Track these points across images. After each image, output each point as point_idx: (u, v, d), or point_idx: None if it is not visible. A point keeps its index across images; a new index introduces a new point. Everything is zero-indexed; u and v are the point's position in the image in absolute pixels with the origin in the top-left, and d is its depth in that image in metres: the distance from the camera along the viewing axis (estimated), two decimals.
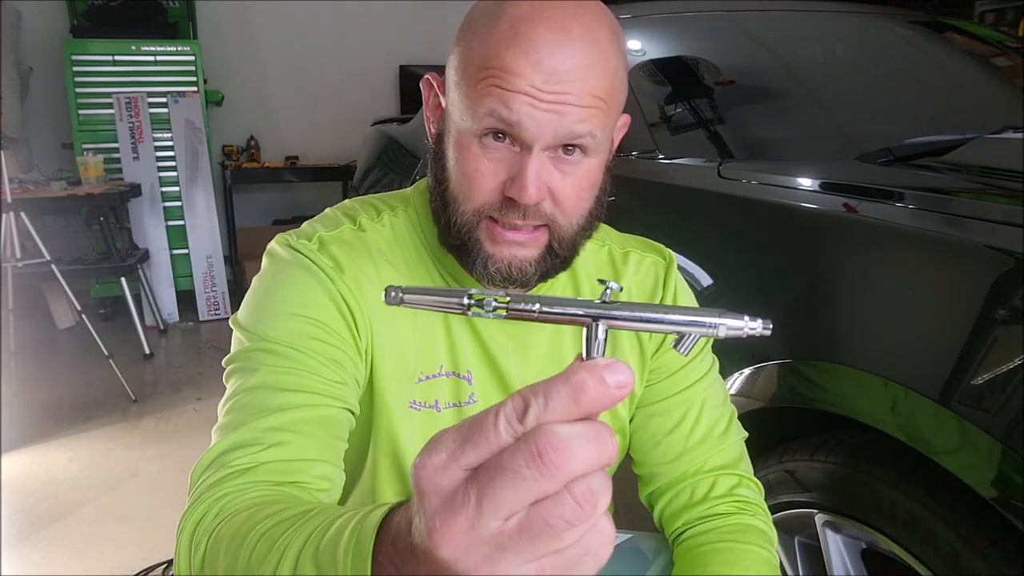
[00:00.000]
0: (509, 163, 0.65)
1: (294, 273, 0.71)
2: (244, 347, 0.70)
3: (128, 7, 4.34)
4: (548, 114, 0.62)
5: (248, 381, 0.67)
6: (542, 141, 0.63)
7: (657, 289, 0.82)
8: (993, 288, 0.82)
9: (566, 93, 0.62)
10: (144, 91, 4.19)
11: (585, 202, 0.69)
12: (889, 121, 1.66)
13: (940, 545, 0.81)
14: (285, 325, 0.68)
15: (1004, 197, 1.00)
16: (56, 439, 2.76)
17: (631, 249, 0.84)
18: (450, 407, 0.77)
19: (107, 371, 3.11)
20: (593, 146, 0.65)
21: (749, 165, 1.41)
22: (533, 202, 0.64)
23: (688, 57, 1.89)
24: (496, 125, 0.63)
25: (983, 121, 1.50)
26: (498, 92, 0.62)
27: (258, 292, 0.72)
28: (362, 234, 0.75)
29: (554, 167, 0.65)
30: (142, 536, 2.10)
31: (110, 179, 3.99)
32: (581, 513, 0.29)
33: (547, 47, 0.61)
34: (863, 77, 1.84)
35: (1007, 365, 0.75)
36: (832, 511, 0.95)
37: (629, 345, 0.82)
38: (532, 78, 0.61)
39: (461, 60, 0.66)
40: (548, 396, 0.30)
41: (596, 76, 0.63)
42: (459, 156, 0.67)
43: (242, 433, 0.63)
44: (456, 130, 0.67)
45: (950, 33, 2.12)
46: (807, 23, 2.00)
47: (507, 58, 0.62)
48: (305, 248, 0.72)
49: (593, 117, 0.63)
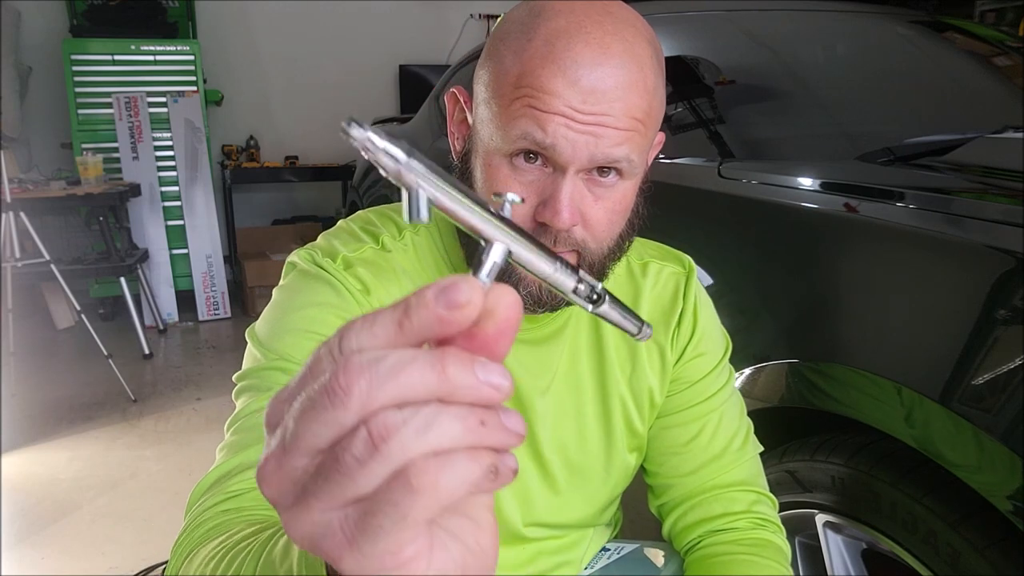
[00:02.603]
0: (541, 186, 0.61)
1: (319, 290, 0.68)
2: (258, 364, 0.67)
3: (128, 7, 4.34)
4: (585, 136, 0.59)
5: (258, 401, 0.64)
6: (577, 164, 0.60)
7: (677, 300, 0.80)
8: (993, 288, 0.82)
9: (604, 115, 0.58)
10: (144, 91, 4.19)
11: (617, 227, 0.66)
12: (889, 121, 1.66)
13: (940, 545, 0.81)
14: (302, 343, 0.65)
15: (1004, 197, 1.00)
16: (56, 439, 2.76)
17: (650, 259, 0.82)
18: None
19: (107, 371, 3.10)
20: (629, 169, 0.62)
21: (749, 165, 1.41)
22: (567, 227, 0.61)
23: (688, 57, 1.89)
24: (530, 147, 0.60)
25: (983, 121, 1.50)
26: (533, 113, 0.59)
27: (279, 305, 0.69)
28: (387, 255, 0.72)
29: (588, 190, 0.62)
30: (142, 536, 2.10)
31: (109, 179, 3.98)
32: (372, 450, 0.24)
33: (586, 65, 0.58)
34: (863, 77, 1.84)
35: (1008, 365, 0.75)
36: (832, 511, 0.95)
37: (648, 357, 0.79)
38: (569, 98, 0.58)
39: (493, 76, 0.62)
40: (372, 319, 0.26)
41: (636, 96, 0.59)
42: (488, 177, 0.63)
43: (243, 456, 0.61)
44: (485, 150, 0.64)
45: (950, 33, 2.12)
46: (807, 23, 2.00)
47: (543, 77, 0.58)
48: (331, 267, 0.69)
49: (631, 140, 0.60)
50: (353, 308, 0.67)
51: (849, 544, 0.96)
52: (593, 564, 0.87)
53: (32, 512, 2.25)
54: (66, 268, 3.37)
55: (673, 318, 0.79)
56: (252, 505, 0.57)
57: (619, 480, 0.82)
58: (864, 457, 0.91)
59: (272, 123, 5.10)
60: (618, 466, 0.81)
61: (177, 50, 4.31)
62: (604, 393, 0.78)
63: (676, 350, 0.80)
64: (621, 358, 0.79)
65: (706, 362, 0.81)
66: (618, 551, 0.89)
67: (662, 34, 1.97)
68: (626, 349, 0.79)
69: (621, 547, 0.90)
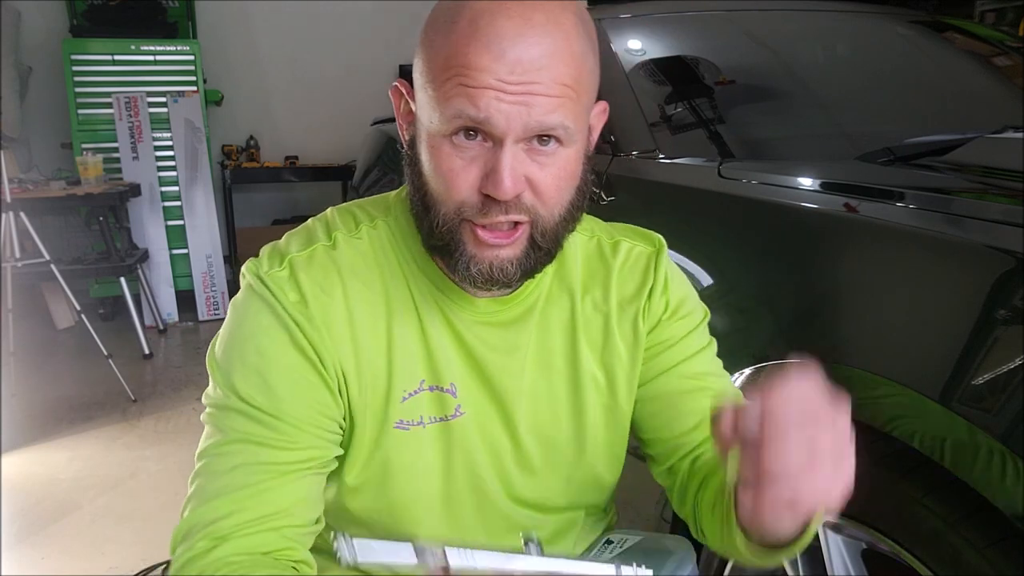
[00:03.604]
0: (483, 160, 0.63)
1: (260, 316, 0.70)
2: (219, 399, 0.70)
3: (128, 7, 4.34)
4: (516, 106, 0.60)
5: (222, 447, 0.69)
6: (513, 134, 0.62)
7: (648, 275, 0.81)
8: (993, 288, 0.82)
9: (532, 83, 0.60)
10: (144, 91, 4.19)
11: (565, 192, 0.67)
12: (890, 121, 1.66)
13: (940, 545, 0.81)
14: (256, 384, 0.69)
15: (1004, 197, 1.00)
16: (56, 439, 2.76)
17: (620, 238, 0.83)
18: (435, 422, 0.75)
19: (107, 371, 3.10)
20: (567, 136, 0.64)
21: (750, 165, 1.41)
22: (510, 196, 0.63)
23: (688, 57, 1.89)
24: (466, 124, 0.62)
25: (983, 121, 1.50)
26: (464, 91, 0.61)
27: (231, 330, 0.72)
28: (333, 253, 0.73)
29: (530, 159, 0.64)
30: (142, 536, 2.10)
31: (109, 179, 3.98)
32: None
33: (509, 37, 0.60)
34: (863, 77, 1.84)
35: (1008, 365, 0.75)
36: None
37: (620, 332, 0.80)
38: (497, 71, 0.60)
39: (425, 62, 0.65)
40: None
41: (562, 64, 0.61)
42: (432, 158, 0.66)
43: (213, 507, 0.66)
44: (427, 133, 0.66)
45: (950, 33, 2.12)
46: (807, 23, 2.00)
47: (470, 54, 0.61)
48: (273, 280, 0.70)
49: (562, 107, 0.62)
50: (293, 331, 0.69)
51: (849, 544, 0.96)
52: (597, 557, 0.87)
53: (32, 512, 2.25)
54: (66, 268, 3.37)
55: (644, 292, 0.80)
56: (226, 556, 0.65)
57: (597, 459, 0.82)
58: (864, 457, 0.91)
59: (272, 123, 5.10)
60: (593, 443, 0.81)
61: (177, 50, 4.31)
62: (576, 371, 0.79)
63: (649, 322, 0.80)
64: (592, 335, 0.80)
65: (688, 322, 0.82)
66: (621, 543, 0.89)
67: (662, 34, 1.97)
68: (597, 326, 0.80)
69: (625, 539, 0.90)
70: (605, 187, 1.57)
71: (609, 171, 1.58)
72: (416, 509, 0.76)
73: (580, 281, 0.80)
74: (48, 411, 3.00)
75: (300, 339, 0.70)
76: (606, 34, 1.81)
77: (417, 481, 0.75)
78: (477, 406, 0.76)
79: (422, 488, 0.76)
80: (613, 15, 1.91)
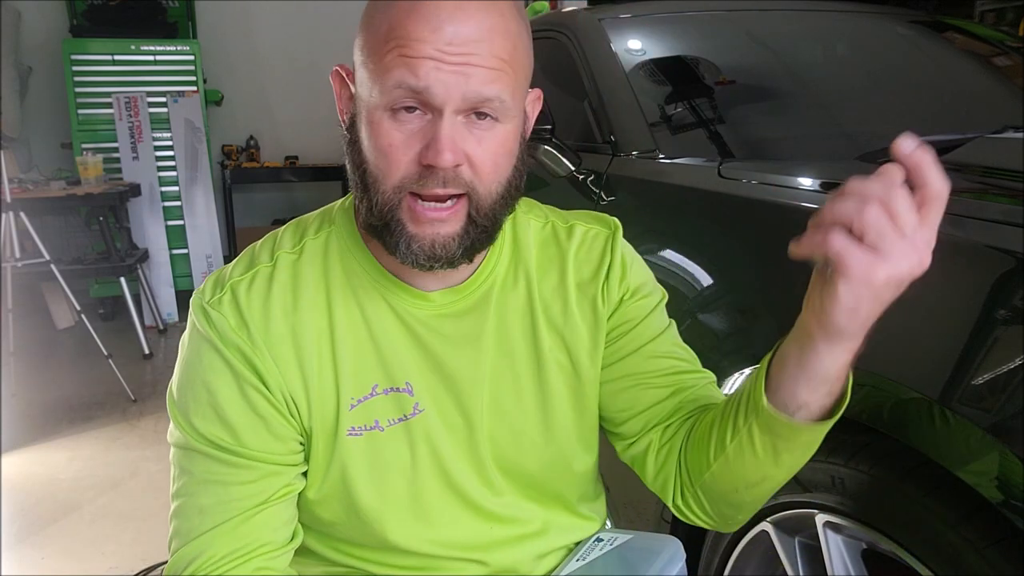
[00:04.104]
0: (423, 132, 0.64)
1: (204, 354, 0.72)
2: (181, 440, 0.73)
3: (128, 7, 4.34)
4: (455, 76, 0.62)
5: (191, 487, 0.72)
6: (452, 104, 0.63)
7: (605, 256, 0.81)
8: (993, 288, 0.82)
9: (470, 54, 0.62)
10: (144, 91, 4.19)
11: (503, 168, 0.68)
12: (890, 121, 1.66)
13: (941, 545, 0.81)
14: (214, 421, 0.71)
15: (1004, 197, 1.00)
16: (56, 439, 2.76)
17: (575, 222, 0.84)
18: (394, 423, 0.75)
19: (106, 371, 3.10)
20: (504, 111, 0.65)
21: (749, 165, 1.41)
22: (450, 165, 0.64)
23: (688, 57, 1.89)
24: (405, 95, 0.63)
25: (983, 121, 1.50)
26: (404, 61, 0.62)
27: (181, 368, 0.74)
28: (275, 273, 0.74)
29: (468, 132, 0.65)
30: (142, 536, 2.10)
31: (109, 179, 3.99)
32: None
33: (447, 10, 0.62)
34: (863, 77, 1.84)
35: (1008, 365, 0.75)
36: (832, 511, 0.95)
37: (580, 313, 0.80)
38: (435, 42, 0.62)
39: (365, 39, 0.67)
40: None
41: (499, 38, 0.64)
42: (372, 133, 0.66)
43: (191, 548, 0.70)
44: (367, 108, 0.67)
45: (950, 33, 2.12)
46: (807, 23, 2.00)
47: (409, 26, 0.62)
48: (214, 308, 0.72)
49: (500, 79, 0.64)
50: (232, 359, 0.71)
51: (849, 544, 0.96)
52: (586, 555, 0.87)
53: (32, 512, 2.25)
54: (66, 268, 3.37)
55: (601, 272, 0.80)
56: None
57: (567, 442, 0.82)
58: (864, 457, 0.91)
59: (272, 123, 5.10)
60: (561, 426, 0.81)
61: (177, 50, 4.32)
62: (538, 355, 0.79)
63: (609, 302, 0.81)
64: (552, 318, 0.80)
65: (649, 302, 0.83)
66: (611, 542, 0.89)
67: (662, 34, 1.97)
68: (557, 309, 0.80)
69: (615, 537, 0.90)
70: (605, 187, 1.57)
71: (609, 171, 1.58)
72: (384, 511, 0.76)
73: (536, 265, 0.80)
74: (48, 411, 3.00)
75: (243, 371, 0.71)
76: (606, 34, 1.82)
77: (381, 485, 0.76)
78: (436, 400, 0.76)
79: (387, 491, 0.76)
80: (613, 15, 1.91)
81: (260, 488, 0.71)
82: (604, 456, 0.89)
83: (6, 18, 3.96)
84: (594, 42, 1.81)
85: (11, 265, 3.03)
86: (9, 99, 4.01)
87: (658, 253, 1.29)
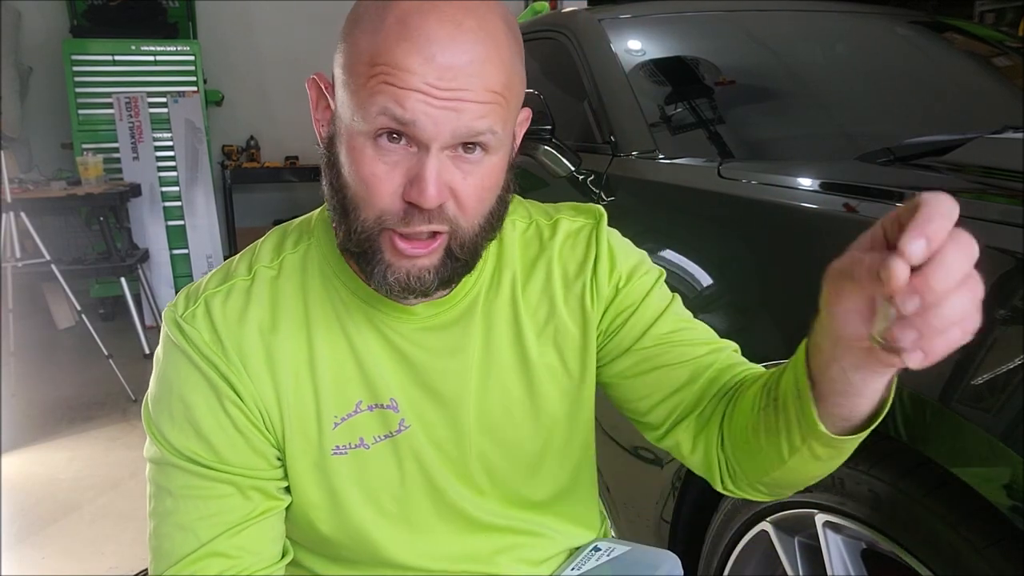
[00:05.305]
0: (407, 165, 0.61)
1: (179, 368, 0.70)
2: (158, 455, 0.70)
3: (128, 7, 4.35)
4: (445, 112, 0.58)
5: (170, 504, 0.69)
6: (440, 140, 0.59)
7: (590, 248, 0.79)
8: (993, 288, 0.82)
9: (462, 89, 0.58)
10: (144, 91, 4.19)
11: (487, 203, 0.65)
12: (889, 121, 1.66)
13: (941, 545, 0.81)
14: (190, 435, 0.69)
15: (1004, 197, 1.00)
16: (56, 439, 2.76)
17: (559, 216, 0.81)
18: (380, 440, 0.74)
19: (107, 371, 3.11)
20: (494, 143, 0.62)
21: (749, 165, 1.41)
22: (434, 204, 0.61)
23: (688, 57, 1.89)
24: (390, 125, 0.59)
25: (983, 121, 1.50)
26: (391, 90, 0.58)
27: (156, 383, 0.72)
28: (251, 287, 0.73)
29: (455, 166, 0.62)
30: (142, 536, 2.09)
31: (110, 179, 3.99)
32: None
33: (439, 41, 0.58)
34: (863, 77, 1.84)
35: (1008, 365, 0.75)
36: (832, 511, 0.95)
37: (568, 311, 0.78)
38: (426, 75, 0.58)
39: (348, 57, 0.62)
40: None
41: (493, 69, 0.60)
42: (353, 160, 0.62)
43: (180, 569, 0.68)
44: (347, 132, 0.63)
45: (950, 33, 2.12)
46: (807, 23, 2.00)
47: (398, 54, 0.58)
48: (187, 322, 0.70)
49: (492, 113, 0.60)
50: (207, 371, 0.69)
51: (849, 544, 0.96)
52: (582, 564, 0.86)
53: (32, 512, 2.25)
54: (66, 268, 3.37)
55: (588, 264, 0.78)
56: None
57: (562, 448, 0.81)
58: (864, 457, 0.91)
59: (272, 123, 5.10)
60: (556, 432, 0.79)
61: (177, 50, 4.32)
62: (525, 362, 0.77)
63: (600, 297, 0.78)
64: (538, 321, 0.78)
65: (646, 281, 0.80)
66: (609, 552, 0.88)
67: (662, 34, 1.97)
68: (543, 311, 0.78)
69: (612, 547, 0.89)
70: (605, 187, 1.57)
71: (609, 171, 1.58)
72: (377, 528, 0.75)
73: (520, 268, 0.78)
74: (48, 411, 3.00)
75: (218, 383, 0.69)
76: (606, 34, 1.82)
77: (372, 502, 0.75)
78: (422, 416, 0.75)
79: (378, 508, 0.75)
80: (613, 15, 1.91)
81: (241, 503, 0.70)
82: (604, 456, 0.88)
83: (6, 18, 3.96)
84: (594, 42, 1.81)
85: (11, 265, 3.03)
86: (9, 99, 4.01)
87: (658, 253, 1.29)
